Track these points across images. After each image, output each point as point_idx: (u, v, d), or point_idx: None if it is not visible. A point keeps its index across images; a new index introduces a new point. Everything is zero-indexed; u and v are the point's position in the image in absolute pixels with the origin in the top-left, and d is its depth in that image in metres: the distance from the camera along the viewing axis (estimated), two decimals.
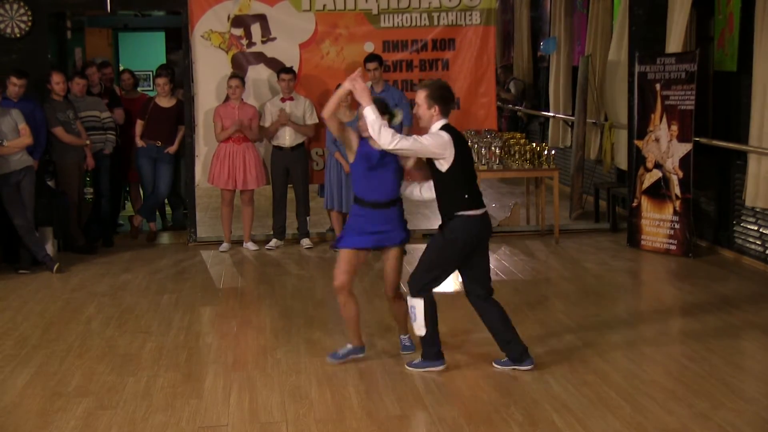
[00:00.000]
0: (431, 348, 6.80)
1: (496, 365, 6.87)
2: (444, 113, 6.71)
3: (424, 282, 6.69)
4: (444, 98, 6.69)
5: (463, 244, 6.63)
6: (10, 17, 11.23)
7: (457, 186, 6.64)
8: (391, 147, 6.53)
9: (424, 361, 6.83)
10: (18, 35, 11.26)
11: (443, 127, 6.68)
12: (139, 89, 13.20)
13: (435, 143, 6.59)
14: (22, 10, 11.23)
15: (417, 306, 6.67)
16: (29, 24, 11.27)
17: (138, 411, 6.19)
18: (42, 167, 10.70)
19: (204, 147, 11.52)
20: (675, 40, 10.82)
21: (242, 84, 11.10)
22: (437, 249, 6.71)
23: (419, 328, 6.71)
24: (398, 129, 10.94)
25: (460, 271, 6.86)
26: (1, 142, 9.95)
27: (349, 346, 7.04)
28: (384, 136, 6.51)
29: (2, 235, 10.18)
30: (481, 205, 6.73)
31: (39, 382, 6.78)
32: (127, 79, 12.63)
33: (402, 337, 7.27)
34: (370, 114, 6.55)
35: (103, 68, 12.44)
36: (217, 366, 7.05)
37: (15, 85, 10.39)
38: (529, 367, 6.78)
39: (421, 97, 6.68)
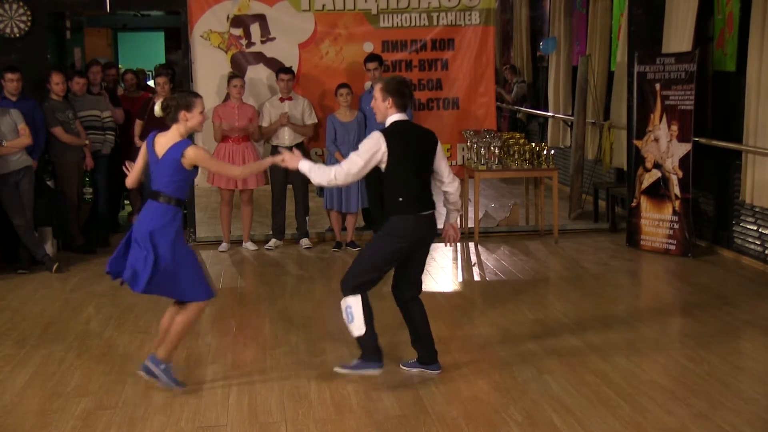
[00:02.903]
0: (370, 348, 6.58)
1: (403, 367, 6.81)
2: (398, 106, 6.56)
3: (360, 281, 6.50)
4: (399, 91, 6.55)
5: (397, 246, 6.49)
6: (10, 17, 11.23)
7: (391, 187, 6.52)
8: (334, 183, 6.43)
9: (363, 362, 6.61)
10: (17, 35, 11.27)
11: (395, 123, 6.57)
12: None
13: (365, 149, 6.45)
14: (21, 10, 11.24)
15: (354, 305, 6.47)
16: (28, 24, 11.27)
17: (137, 411, 6.19)
18: (41, 167, 10.70)
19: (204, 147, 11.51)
20: (680, 39, 10.83)
21: (244, 84, 11.11)
22: (374, 249, 6.57)
23: (358, 328, 6.50)
24: None
25: (394, 271, 6.72)
26: (1, 142, 9.94)
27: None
28: (322, 178, 6.44)
29: (1, 234, 10.17)
30: (422, 209, 6.52)
31: (38, 381, 6.78)
32: (130, 79, 12.64)
33: None
34: (304, 167, 6.44)
35: (108, 69, 12.44)
36: (216, 366, 7.04)
37: (12, 81, 10.38)
38: (436, 372, 6.71)
39: (377, 90, 6.62)
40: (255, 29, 11.63)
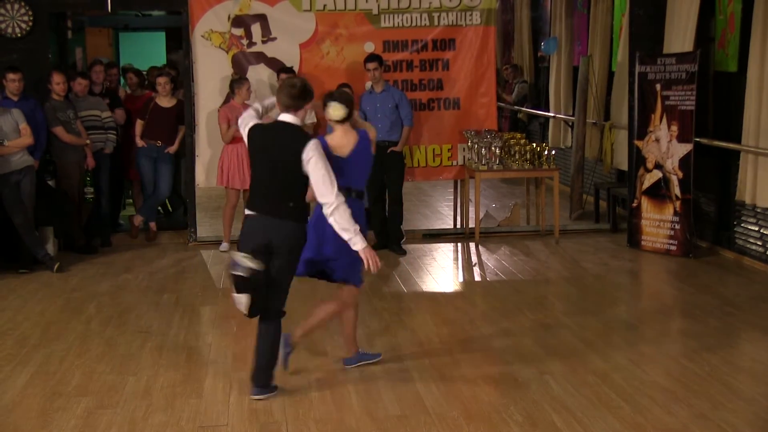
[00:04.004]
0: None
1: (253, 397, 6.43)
2: (281, 105, 6.55)
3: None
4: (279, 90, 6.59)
5: None
6: (11, 17, 11.23)
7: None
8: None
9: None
10: (19, 35, 11.27)
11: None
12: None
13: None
14: (23, 10, 11.24)
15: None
16: (30, 24, 11.27)
17: (138, 410, 6.19)
18: (42, 167, 10.70)
19: (207, 148, 11.51)
20: (681, 39, 10.83)
21: (250, 86, 11.14)
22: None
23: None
24: (391, 129, 10.99)
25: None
26: (2, 142, 9.95)
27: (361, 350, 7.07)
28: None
29: (2, 234, 10.17)
30: (252, 208, 6.36)
31: (39, 381, 6.79)
32: (131, 78, 12.65)
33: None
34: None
35: (110, 69, 12.45)
36: (216, 366, 7.05)
37: (13, 81, 10.39)
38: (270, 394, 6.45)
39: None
40: (256, 29, 11.63)
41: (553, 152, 11.68)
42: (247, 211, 6.40)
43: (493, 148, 11.32)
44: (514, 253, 10.91)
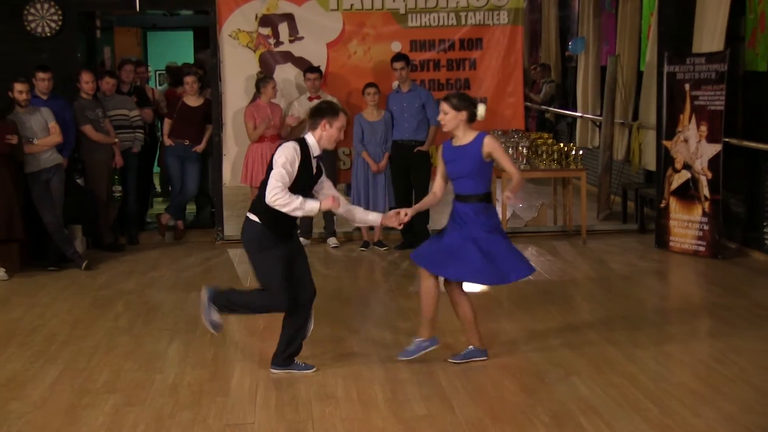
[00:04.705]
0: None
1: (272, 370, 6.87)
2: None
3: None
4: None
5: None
6: (41, 16, 11.31)
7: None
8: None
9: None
10: (48, 34, 11.36)
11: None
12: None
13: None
14: (52, 10, 11.32)
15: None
16: (59, 23, 11.36)
17: (165, 408, 6.21)
18: (71, 165, 10.78)
19: (234, 147, 11.56)
20: (710, 39, 10.76)
21: (276, 84, 11.17)
22: None
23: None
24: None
25: None
26: (31, 140, 10.02)
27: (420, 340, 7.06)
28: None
29: (32, 232, 10.24)
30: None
31: (67, 378, 6.83)
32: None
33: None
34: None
35: (138, 67, 12.51)
36: (243, 364, 7.06)
37: (43, 80, 10.47)
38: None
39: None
40: (283, 28, 11.66)
41: (581, 152, 11.64)
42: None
43: (520, 148, 11.30)
44: (540, 253, 10.88)
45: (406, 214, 6.85)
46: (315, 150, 6.63)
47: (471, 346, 7.03)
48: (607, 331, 7.75)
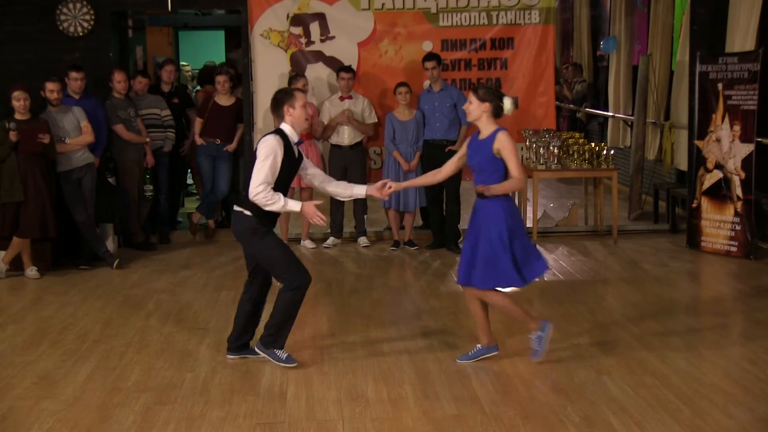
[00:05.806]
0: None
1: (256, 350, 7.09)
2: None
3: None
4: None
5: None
6: (74, 16, 11.40)
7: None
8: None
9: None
10: (81, 34, 11.45)
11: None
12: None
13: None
14: (84, 9, 11.41)
15: None
16: (92, 23, 11.44)
17: (196, 407, 6.24)
18: (103, 164, 10.83)
19: None
20: (743, 38, 10.67)
21: (307, 82, 11.17)
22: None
23: None
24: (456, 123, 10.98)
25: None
26: (64, 140, 10.10)
27: (479, 346, 7.09)
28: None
29: (64, 230, 10.31)
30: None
31: (99, 376, 6.87)
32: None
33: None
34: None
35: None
36: (273, 363, 7.07)
37: (76, 80, 10.55)
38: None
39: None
40: (314, 28, 11.68)
41: (612, 152, 11.59)
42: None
43: (551, 148, 11.27)
44: (572, 253, 10.84)
45: (390, 187, 7.14)
46: (294, 137, 7.00)
47: (479, 345, 7.04)
48: (638, 331, 7.71)
